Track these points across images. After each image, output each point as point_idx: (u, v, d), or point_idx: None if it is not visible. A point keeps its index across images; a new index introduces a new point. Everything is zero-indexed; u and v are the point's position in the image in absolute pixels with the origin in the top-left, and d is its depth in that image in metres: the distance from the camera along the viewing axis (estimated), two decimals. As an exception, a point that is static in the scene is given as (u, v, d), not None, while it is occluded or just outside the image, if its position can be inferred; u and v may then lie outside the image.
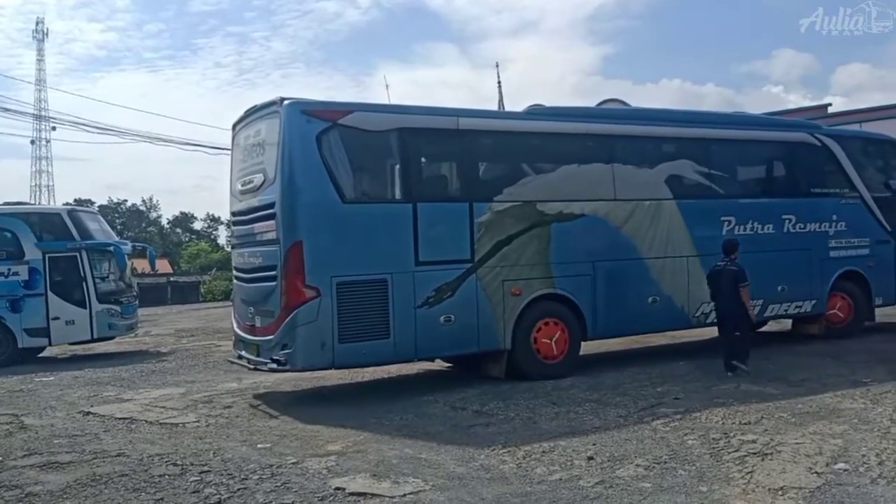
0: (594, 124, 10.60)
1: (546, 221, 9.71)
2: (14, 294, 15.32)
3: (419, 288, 8.82)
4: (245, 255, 9.49)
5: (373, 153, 9.39)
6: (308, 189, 8.47)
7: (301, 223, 8.44)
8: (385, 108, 9.56)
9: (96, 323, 15.85)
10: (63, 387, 11.55)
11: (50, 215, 17.00)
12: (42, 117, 62.12)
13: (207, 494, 5.40)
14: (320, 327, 8.32)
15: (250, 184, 9.22)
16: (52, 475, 6.17)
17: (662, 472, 5.48)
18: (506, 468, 5.80)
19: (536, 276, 9.62)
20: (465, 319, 9.08)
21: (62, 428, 8.15)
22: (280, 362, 8.43)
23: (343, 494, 5.29)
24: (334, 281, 8.38)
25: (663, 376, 9.54)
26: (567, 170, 10.09)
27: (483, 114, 10.26)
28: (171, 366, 13.86)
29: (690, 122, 11.53)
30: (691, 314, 10.81)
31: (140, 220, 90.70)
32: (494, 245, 9.30)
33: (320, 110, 8.71)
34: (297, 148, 8.46)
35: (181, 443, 7.14)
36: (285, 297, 8.41)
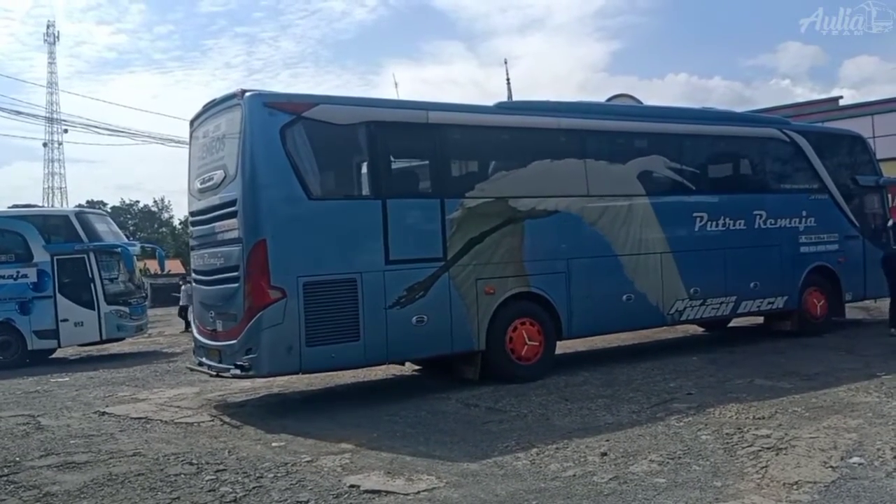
0: (566, 119, 10.31)
1: (519, 218, 9.48)
2: (23, 296, 15.46)
3: (390, 288, 8.49)
4: (205, 257, 9.04)
5: (340, 148, 9.06)
6: (271, 185, 8.10)
7: (264, 221, 8.04)
8: (352, 101, 9.24)
9: (105, 324, 15.97)
10: (78, 387, 11.64)
11: (58, 217, 17.16)
12: (54, 120, 62.62)
13: (223, 493, 5.43)
14: (286, 330, 7.94)
15: (210, 181, 8.84)
16: (69, 475, 6.21)
17: (676, 468, 5.48)
18: (519, 465, 5.80)
19: (510, 275, 9.37)
20: (437, 320, 8.78)
21: (78, 428, 8.22)
22: (244, 368, 8.06)
23: (358, 492, 5.31)
24: (300, 281, 8.01)
25: (676, 371, 9.53)
26: (539, 165, 9.86)
27: (454, 107, 9.88)
28: (184, 365, 13.93)
29: (661, 118, 11.45)
30: (665, 312, 10.67)
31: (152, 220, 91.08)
32: (467, 243, 9.04)
33: (283, 103, 8.35)
34: (260, 142, 8.08)
35: (196, 442, 7.18)
36: (249, 299, 8.02)
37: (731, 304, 11.31)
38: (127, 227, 78.57)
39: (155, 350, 17.89)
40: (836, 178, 12.78)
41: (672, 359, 10.48)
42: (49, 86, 71.10)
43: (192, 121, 9.68)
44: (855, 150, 13.77)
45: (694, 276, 10.80)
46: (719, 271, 11.12)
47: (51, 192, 74.14)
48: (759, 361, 10.08)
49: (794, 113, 24.25)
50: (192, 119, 9.68)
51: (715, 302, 11.14)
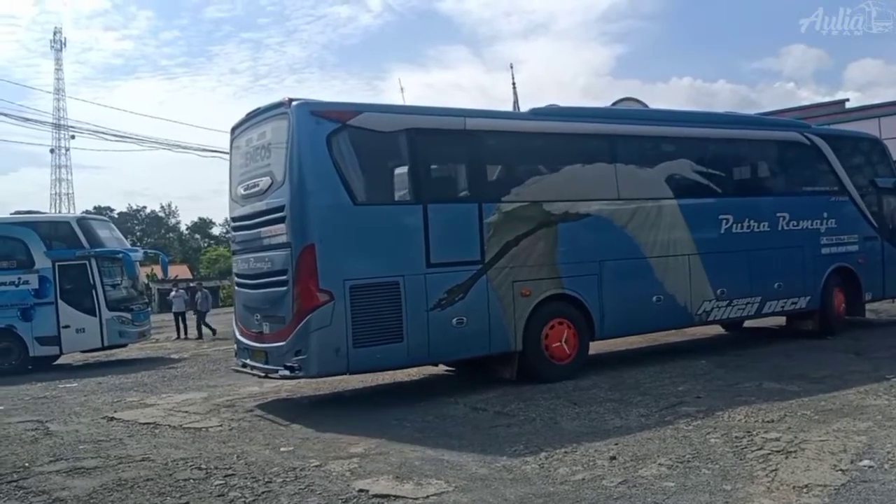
0: (597, 124, 10.64)
1: (553, 221, 9.69)
2: (25, 303, 15.51)
3: (431, 290, 8.70)
4: (250, 261, 9.24)
5: (382, 154, 9.25)
6: (319, 191, 8.31)
7: (313, 226, 8.26)
8: (393, 109, 9.55)
9: (107, 330, 16.00)
10: (87, 393, 11.68)
11: (59, 224, 17.18)
12: (61, 126, 62.95)
13: (232, 498, 5.44)
14: (334, 332, 8.16)
15: (255, 187, 9.07)
16: (79, 480, 6.23)
17: (686, 471, 5.46)
18: (528, 469, 5.80)
19: (545, 277, 9.57)
20: (476, 321, 8.99)
21: (87, 433, 8.25)
22: (293, 369, 8.28)
23: (367, 496, 5.31)
24: (347, 284, 8.23)
25: (684, 375, 9.51)
26: (572, 170, 10.09)
27: (490, 114, 10.21)
28: (193, 370, 13.98)
29: (687, 122, 11.66)
30: (693, 312, 10.87)
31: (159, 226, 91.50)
32: (504, 246, 9.24)
33: (329, 111, 8.58)
34: (307, 150, 8.30)
35: (205, 447, 7.20)
36: (298, 302, 8.25)
37: (755, 305, 11.51)
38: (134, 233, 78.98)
39: (162, 356, 17.93)
40: (855, 181, 13.00)
41: (680, 362, 10.46)
42: (56, 92, 71.48)
43: (233, 128, 9.88)
44: (873, 152, 14.01)
45: (720, 278, 11.00)
46: (745, 272, 11.33)
47: (58, 198, 74.45)
48: (768, 364, 10.05)
49: (800, 116, 24.17)
50: (233, 127, 9.88)
51: (741, 302, 11.34)
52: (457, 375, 10.63)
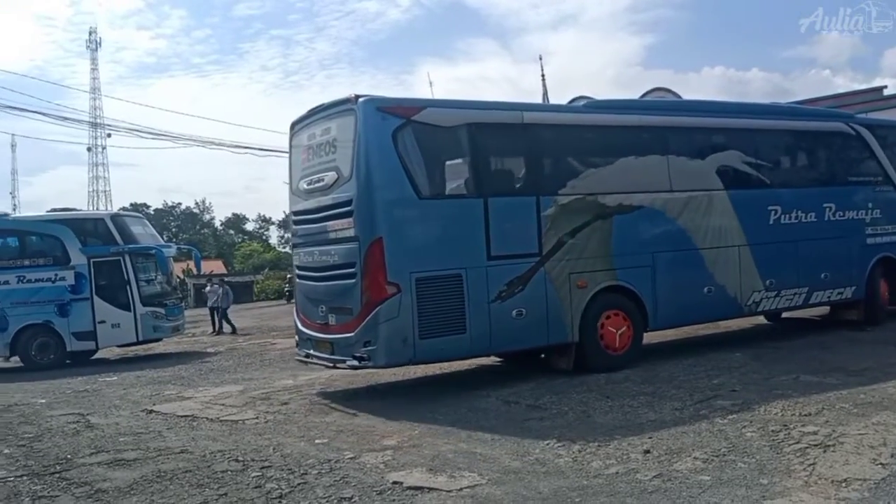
0: (650, 116, 10.73)
1: (607, 214, 9.79)
2: (61, 299, 15.83)
3: (492, 282, 8.86)
4: (315, 254, 9.44)
5: (444, 149, 9.40)
6: (386, 186, 8.50)
7: (381, 220, 8.46)
8: (455, 104, 9.70)
9: (141, 325, 16.27)
10: (126, 386, 11.91)
11: (94, 221, 17.52)
12: (98, 125, 63.98)
13: (269, 489, 5.52)
14: (401, 323, 8.36)
15: (319, 182, 9.22)
16: (119, 472, 6.37)
17: (721, 465, 5.42)
18: (561, 462, 5.80)
19: (600, 269, 9.68)
20: (535, 313, 9.12)
21: (127, 426, 8.42)
22: (362, 359, 8.49)
23: (401, 488, 5.36)
24: (413, 277, 8.41)
25: (718, 368, 9.40)
26: (625, 162, 10.16)
27: (546, 108, 10.57)
28: (229, 364, 14.19)
29: (738, 114, 11.73)
30: (743, 303, 10.92)
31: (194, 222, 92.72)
32: (560, 238, 9.37)
33: (395, 107, 8.77)
34: (374, 145, 8.48)
35: (241, 439, 7.31)
36: (367, 294, 8.45)
37: (803, 295, 11.55)
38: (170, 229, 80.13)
39: (199, 350, 18.21)
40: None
41: (715, 355, 10.34)
42: (92, 91, 72.57)
43: (293, 124, 10.05)
44: None
45: (769, 268, 11.06)
46: (792, 263, 11.37)
47: (95, 195, 75.74)
48: (805, 357, 9.91)
49: (836, 104, 23.72)
50: (293, 122, 10.06)
51: (789, 293, 11.39)
52: (500, 367, 10.64)
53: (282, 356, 15.01)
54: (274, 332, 21.54)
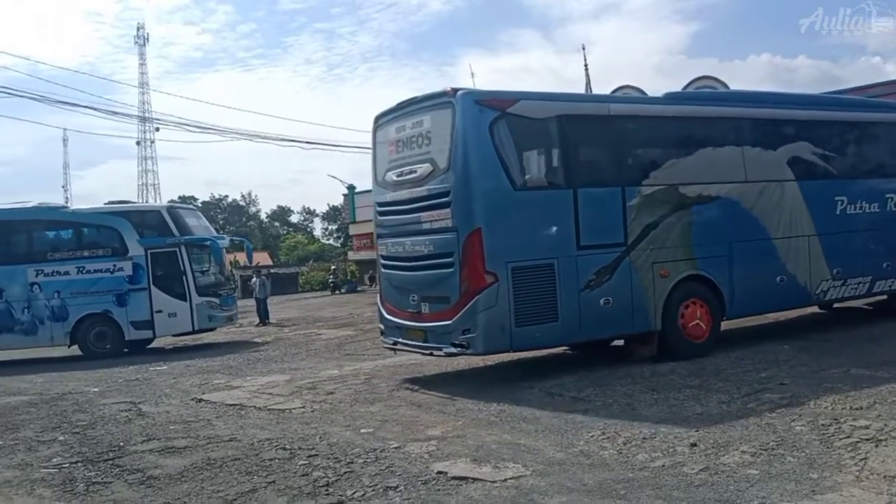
0: (727, 108, 10.93)
1: (687, 204, 9.96)
2: (120, 289, 16.26)
3: (581, 271, 9.06)
4: (406, 244, 9.59)
5: (536, 140, 9.58)
6: (484, 177, 8.69)
7: (479, 211, 8.66)
8: (546, 96, 9.86)
9: (197, 315, 16.64)
10: (176, 375, 12.19)
11: (150, 213, 17.91)
12: (146, 119, 65.13)
13: (316, 477, 5.61)
14: (499, 312, 8.56)
15: (412, 174, 9.36)
16: (170, 459, 6.53)
17: (770, 459, 5.33)
18: (606, 454, 5.77)
19: (681, 258, 9.87)
20: (622, 301, 9.32)
21: (177, 414, 8.62)
22: (462, 346, 8.72)
23: (445, 478, 5.39)
24: (509, 266, 8.62)
25: (766, 361, 9.24)
26: (704, 152, 10.34)
27: (630, 100, 10.82)
28: (275, 354, 14.42)
29: (806, 105, 11.92)
30: (812, 292, 11.08)
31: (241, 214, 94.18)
32: (644, 228, 9.55)
33: (491, 99, 8.95)
34: (472, 137, 8.66)
35: (288, 428, 7.43)
36: (466, 283, 8.65)
37: (867, 284, 11.63)
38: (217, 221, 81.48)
39: (246, 339, 18.53)
40: None
41: (762, 347, 10.18)
42: (141, 86, 74.01)
43: (378, 117, 10.27)
44: None
45: (836, 258, 11.16)
46: (857, 252, 11.47)
47: (144, 188, 77.40)
48: (854, 350, 9.68)
49: (885, 91, 23.00)
50: (378, 116, 10.27)
51: (854, 282, 11.47)
52: (543, 358, 10.62)
53: (326, 346, 15.22)
54: (319, 323, 21.82)
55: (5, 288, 16.26)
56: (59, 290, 16.23)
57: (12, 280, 16.30)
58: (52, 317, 16.23)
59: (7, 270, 16.37)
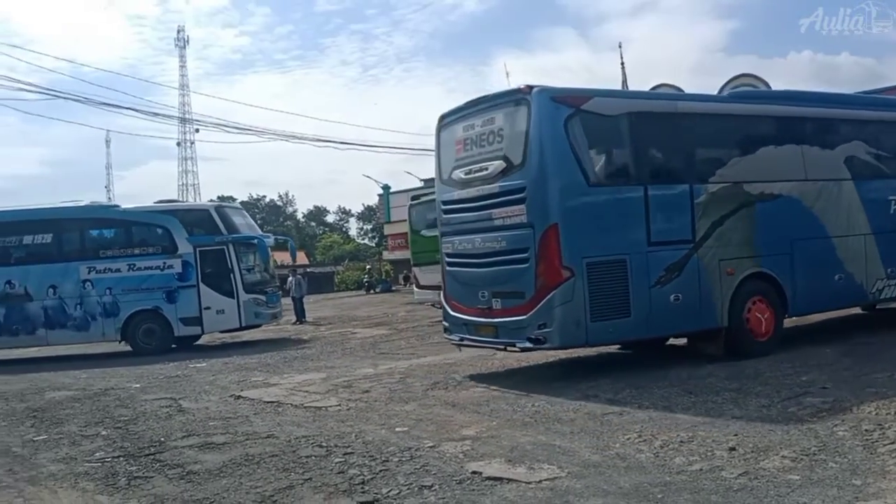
0: (788, 106, 10.92)
1: (751, 202, 10.01)
2: (169, 286, 16.59)
3: (652, 268, 9.13)
4: (476, 241, 9.63)
5: (608, 137, 9.65)
6: (560, 174, 8.77)
7: (556, 207, 8.73)
8: (617, 94, 10.07)
9: (244, 312, 16.92)
10: (215, 372, 12.38)
11: (199, 211, 18.24)
12: (186, 120, 66.25)
13: (352, 475, 5.65)
14: (575, 306, 8.65)
15: (483, 171, 9.44)
16: (209, 455, 6.64)
17: (811, 465, 5.23)
18: (643, 457, 5.71)
19: (745, 256, 9.92)
20: (690, 298, 9.37)
21: (216, 411, 8.75)
22: (539, 340, 8.80)
23: (480, 478, 5.38)
24: (584, 262, 8.71)
25: (807, 364, 9.06)
26: (766, 151, 10.39)
27: (696, 97, 10.98)
28: (312, 352, 14.56)
29: (861, 105, 12.01)
30: (868, 290, 11.08)
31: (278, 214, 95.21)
32: (711, 226, 9.61)
33: (565, 97, 9.07)
34: (549, 134, 8.75)
35: (325, 425, 7.50)
36: (543, 279, 8.73)
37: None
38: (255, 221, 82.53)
39: (283, 337, 18.74)
40: None
41: (803, 350, 9.99)
42: (181, 88, 75.31)
43: (443, 116, 10.40)
44: None
45: (890, 256, 11.19)
46: None
47: (184, 188, 78.67)
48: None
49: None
50: (443, 115, 10.40)
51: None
52: (579, 360, 10.57)
53: (361, 345, 15.32)
54: (354, 322, 21.99)
55: (59, 285, 16.68)
56: (110, 287, 16.63)
57: (65, 277, 16.73)
58: (104, 313, 16.63)
59: (60, 268, 16.81)
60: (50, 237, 17.23)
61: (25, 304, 16.66)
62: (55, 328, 16.72)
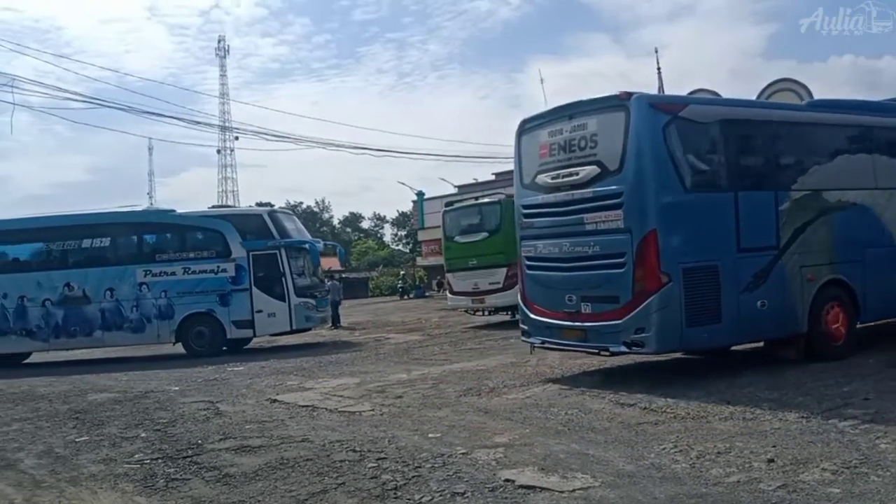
0: (862, 116, 11.06)
1: (828, 209, 10.14)
2: (223, 289, 16.91)
3: (741, 274, 9.22)
4: (564, 245, 9.68)
5: (701, 144, 9.69)
6: (659, 180, 8.87)
7: (655, 213, 8.81)
8: (710, 101, 10.14)
9: (295, 315, 17.17)
10: (251, 376, 12.52)
11: (253, 216, 18.62)
12: (226, 128, 67.15)
13: (385, 481, 5.66)
14: (672, 311, 8.74)
15: (573, 176, 9.47)
16: (246, 458, 6.71)
17: (853, 478, 5.12)
18: (678, 468, 5.63)
19: (823, 263, 10.03)
20: (775, 304, 9.45)
21: (252, 414, 8.85)
22: (635, 345, 8.89)
23: (513, 486, 5.36)
24: (680, 267, 8.78)
25: (849, 374, 8.86)
26: (841, 160, 10.53)
27: (779, 106, 11.34)
28: (346, 357, 14.65)
29: None
30: None
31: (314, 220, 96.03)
32: (793, 232, 9.73)
33: (663, 104, 9.34)
34: (648, 140, 8.85)
35: (358, 430, 7.53)
36: (641, 284, 8.79)
37: None
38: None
39: (318, 342, 18.88)
40: None
41: (845, 360, 9.76)
42: (221, 96, 76.34)
43: (524, 122, 10.48)
44: None
45: None
46: None
47: (224, 195, 79.58)
48: (947, 365, 9.20)
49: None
50: (525, 121, 10.49)
51: None
52: (611, 369, 10.49)
53: (395, 350, 15.38)
54: (388, 328, 22.07)
55: (116, 287, 17.08)
56: (166, 290, 17.00)
57: (122, 280, 17.15)
58: (159, 315, 17.00)
59: (118, 271, 17.23)
60: (108, 241, 17.68)
61: (83, 307, 17.09)
62: (111, 330, 17.12)
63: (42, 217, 18.64)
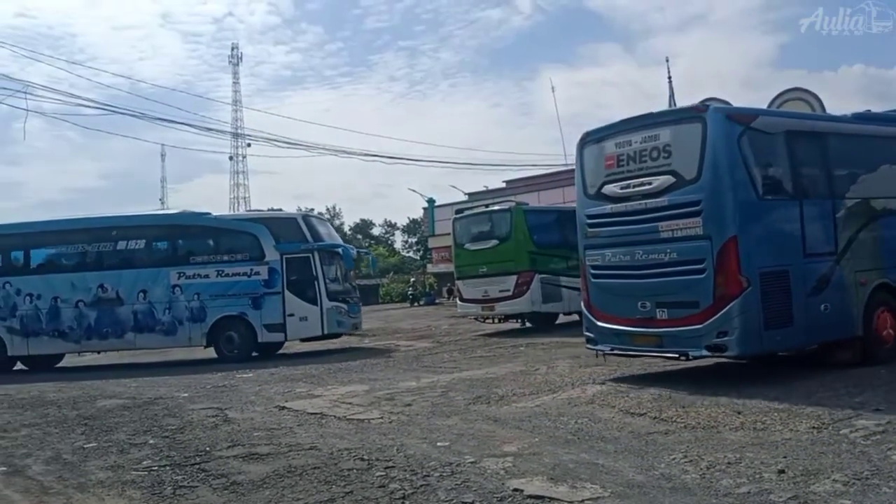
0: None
1: (876, 216, 10.57)
2: (255, 292, 16.93)
3: (807, 278, 9.56)
4: (636, 253, 9.85)
5: (770, 153, 9.95)
6: (736, 188, 9.16)
7: (734, 219, 9.08)
8: (777, 113, 10.54)
9: (326, 320, 17.14)
10: (260, 383, 12.53)
11: (286, 220, 18.65)
12: (239, 135, 67.55)
13: (393, 489, 5.64)
14: (752, 315, 8.98)
15: (645, 186, 9.70)
16: (253, 465, 6.71)
17: (864, 489, 5.07)
18: (688, 478, 5.59)
19: (873, 268, 10.35)
20: (836, 308, 9.76)
21: (261, 421, 8.86)
22: (718, 348, 9.09)
23: (521, 496, 5.33)
24: (758, 272, 9.06)
25: (861, 384, 8.78)
26: (885, 169, 10.90)
27: (832, 118, 11.68)
28: (356, 364, 14.64)
29: None
30: None
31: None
32: (848, 239, 10.10)
33: (738, 115, 9.63)
34: (724, 149, 9.15)
35: (367, 438, 7.52)
36: (722, 288, 9.02)
37: None
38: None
39: (328, 348, 18.89)
40: None
41: (856, 370, 9.67)
42: (234, 103, 76.93)
43: (588, 134, 10.73)
44: None
45: None
46: None
47: (236, 202, 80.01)
48: (962, 376, 9.11)
49: None
50: (588, 133, 10.74)
51: None
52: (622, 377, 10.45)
53: (405, 357, 15.37)
54: (397, 334, 22.08)
55: (149, 289, 17.16)
56: (198, 293, 17.05)
57: (156, 282, 17.22)
58: (192, 318, 17.04)
59: (151, 273, 17.31)
60: (143, 243, 17.77)
61: (116, 308, 17.17)
62: (143, 332, 17.18)
63: (77, 219, 18.74)
